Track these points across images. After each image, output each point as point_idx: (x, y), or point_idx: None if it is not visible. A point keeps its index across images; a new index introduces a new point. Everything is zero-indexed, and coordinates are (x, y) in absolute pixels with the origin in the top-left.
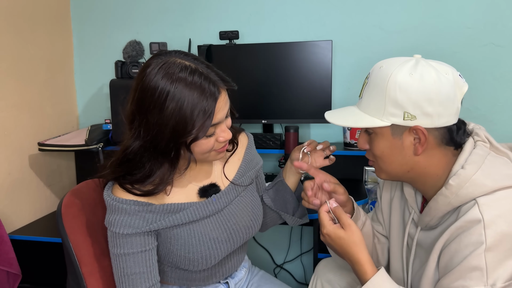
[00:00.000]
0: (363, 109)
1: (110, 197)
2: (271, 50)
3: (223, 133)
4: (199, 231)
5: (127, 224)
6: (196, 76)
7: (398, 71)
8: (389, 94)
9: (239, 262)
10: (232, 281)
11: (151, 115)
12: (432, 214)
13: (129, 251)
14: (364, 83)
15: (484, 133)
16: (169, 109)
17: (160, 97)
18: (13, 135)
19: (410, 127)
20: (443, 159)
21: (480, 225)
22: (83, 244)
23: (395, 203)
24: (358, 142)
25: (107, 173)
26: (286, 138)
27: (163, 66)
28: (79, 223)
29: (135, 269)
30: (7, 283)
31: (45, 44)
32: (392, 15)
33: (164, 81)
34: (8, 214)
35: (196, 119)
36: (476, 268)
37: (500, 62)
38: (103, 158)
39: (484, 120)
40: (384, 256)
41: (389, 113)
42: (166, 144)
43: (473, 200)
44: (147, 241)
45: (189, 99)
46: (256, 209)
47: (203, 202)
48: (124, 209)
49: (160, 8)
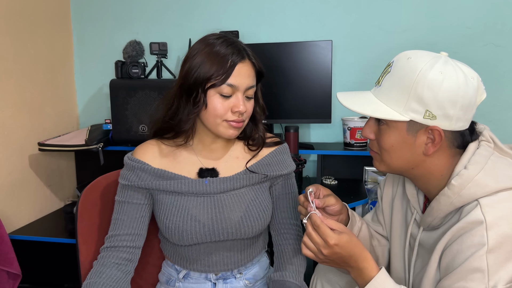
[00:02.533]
0: (381, 98)
1: (127, 155)
2: (271, 50)
3: (238, 101)
4: (180, 204)
5: (126, 177)
6: (228, 42)
7: (429, 67)
8: (415, 89)
9: (231, 262)
10: (224, 285)
11: (185, 63)
12: (434, 214)
13: (122, 199)
14: (386, 71)
15: (489, 133)
16: (197, 58)
17: (194, 50)
18: (13, 135)
19: (427, 126)
20: (451, 160)
21: (482, 227)
22: (86, 217)
23: (396, 203)
24: (363, 130)
25: (155, 123)
26: (286, 138)
27: (207, 35)
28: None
29: (121, 215)
30: (7, 283)
31: (45, 44)
32: (392, 15)
33: (201, 42)
34: (8, 214)
35: (216, 70)
36: (478, 269)
37: (500, 62)
38: (103, 158)
39: (484, 120)
40: (384, 258)
41: (411, 109)
42: (190, 86)
43: (476, 201)
44: (137, 195)
45: (215, 54)
46: (252, 211)
47: (194, 180)
48: (128, 164)
49: (160, 8)
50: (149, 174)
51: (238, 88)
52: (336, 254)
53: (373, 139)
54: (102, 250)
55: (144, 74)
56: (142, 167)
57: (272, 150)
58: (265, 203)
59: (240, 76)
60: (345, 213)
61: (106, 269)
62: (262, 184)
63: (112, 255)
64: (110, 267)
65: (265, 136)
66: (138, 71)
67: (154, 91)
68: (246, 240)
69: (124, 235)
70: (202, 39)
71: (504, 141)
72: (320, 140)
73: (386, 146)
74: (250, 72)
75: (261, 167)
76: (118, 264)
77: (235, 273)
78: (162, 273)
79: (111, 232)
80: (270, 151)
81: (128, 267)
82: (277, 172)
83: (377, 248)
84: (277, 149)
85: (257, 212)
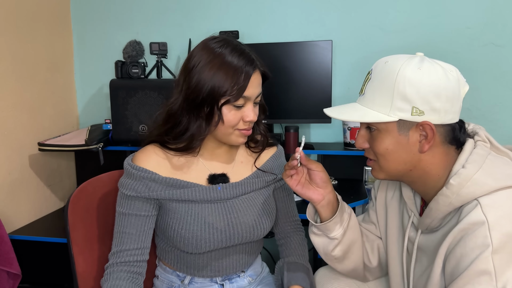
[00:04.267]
0: (366, 105)
1: (127, 162)
2: (271, 50)
3: (249, 111)
4: (196, 212)
5: (132, 187)
6: (238, 51)
7: (406, 65)
8: (397, 88)
9: (239, 265)
10: (230, 285)
11: (193, 74)
12: (433, 215)
13: (127, 211)
14: (367, 79)
15: (485, 133)
16: (208, 72)
17: (202, 61)
18: (13, 135)
19: (418, 123)
20: (445, 158)
21: (485, 227)
22: (80, 225)
23: (392, 206)
24: (357, 141)
25: (152, 132)
26: (286, 138)
27: (214, 38)
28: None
29: (128, 229)
30: (7, 283)
31: (45, 44)
32: (392, 15)
33: (208, 49)
34: (8, 214)
35: (231, 85)
36: (484, 272)
37: (500, 62)
38: (103, 158)
39: (484, 120)
40: (374, 255)
41: (397, 108)
42: (201, 101)
43: (475, 201)
44: (145, 207)
45: (228, 67)
46: (264, 213)
47: (207, 187)
48: (133, 173)
49: (160, 8)
50: (159, 183)
51: (250, 99)
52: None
53: (368, 147)
54: (109, 267)
55: (144, 74)
56: (151, 176)
57: (273, 154)
58: (272, 205)
59: (252, 87)
60: (333, 196)
61: (123, 282)
62: (267, 188)
63: (122, 269)
64: (125, 280)
65: (267, 135)
66: (138, 71)
67: (154, 91)
68: (255, 242)
69: (132, 249)
70: (205, 46)
71: (504, 142)
72: (320, 140)
73: (381, 150)
74: (260, 81)
75: (268, 170)
76: (132, 278)
77: (239, 272)
78: (161, 281)
79: (118, 248)
80: (270, 155)
81: (139, 281)
82: (280, 174)
83: (366, 244)
84: (277, 153)
85: (268, 214)
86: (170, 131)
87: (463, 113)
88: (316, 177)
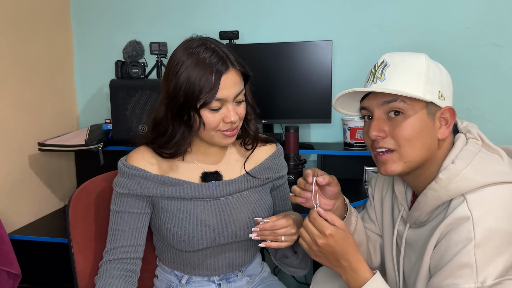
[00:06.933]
0: (396, 86)
1: (121, 161)
2: (271, 50)
3: (229, 112)
4: (188, 209)
5: (124, 185)
6: (209, 52)
7: (425, 56)
8: (427, 72)
9: (236, 263)
10: (228, 285)
11: (170, 81)
12: (421, 208)
13: (120, 209)
14: (383, 66)
15: (477, 131)
16: (182, 76)
17: (177, 65)
18: (13, 135)
19: (441, 108)
20: (449, 147)
21: (469, 222)
22: (80, 224)
23: (386, 201)
24: (371, 131)
25: (141, 137)
26: (286, 138)
27: (187, 42)
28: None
29: (121, 226)
30: (7, 283)
31: (45, 44)
32: (392, 15)
33: (182, 52)
34: (8, 214)
35: (203, 88)
36: (466, 265)
37: (500, 62)
38: (103, 158)
39: (484, 120)
40: (376, 255)
41: (428, 91)
42: (180, 107)
43: (462, 197)
44: (138, 204)
45: (199, 70)
46: (258, 212)
47: (200, 184)
48: (126, 172)
49: (160, 8)
50: (151, 181)
51: (226, 100)
52: (330, 247)
53: (385, 137)
54: (103, 264)
55: (144, 74)
56: (143, 174)
57: (272, 153)
58: (268, 203)
59: (226, 88)
60: (341, 201)
61: (115, 281)
62: (264, 186)
63: (116, 267)
64: (118, 278)
65: (257, 135)
66: (138, 71)
67: (154, 91)
68: (251, 240)
69: (126, 246)
70: (182, 47)
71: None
72: (320, 140)
73: (409, 135)
74: (236, 80)
75: (262, 171)
76: (125, 276)
77: (237, 272)
78: (160, 280)
79: (111, 245)
80: (269, 154)
81: (133, 279)
82: (278, 173)
83: (369, 244)
84: (276, 152)
85: (263, 212)
86: (157, 140)
87: (463, 113)
88: (328, 191)
